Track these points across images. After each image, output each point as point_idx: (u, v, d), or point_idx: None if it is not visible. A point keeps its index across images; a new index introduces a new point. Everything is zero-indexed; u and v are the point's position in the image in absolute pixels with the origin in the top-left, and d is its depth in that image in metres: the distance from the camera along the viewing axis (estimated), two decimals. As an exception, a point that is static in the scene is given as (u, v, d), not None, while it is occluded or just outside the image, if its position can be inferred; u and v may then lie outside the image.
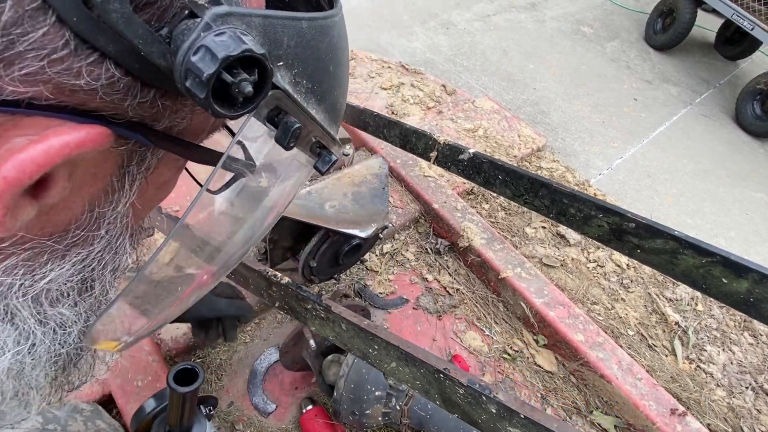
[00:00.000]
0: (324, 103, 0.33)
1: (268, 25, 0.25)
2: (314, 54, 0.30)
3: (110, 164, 0.27)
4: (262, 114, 0.28)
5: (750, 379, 1.47)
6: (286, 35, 0.27)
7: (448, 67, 3.22)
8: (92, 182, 0.26)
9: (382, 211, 1.10)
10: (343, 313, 0.78)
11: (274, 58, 0.26)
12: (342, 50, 0.35)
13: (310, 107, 0.31)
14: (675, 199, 2.71)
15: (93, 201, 0.27)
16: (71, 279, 0.29)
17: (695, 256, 0.84)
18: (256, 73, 0.24)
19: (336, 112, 0.36)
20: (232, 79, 0.22)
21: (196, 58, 0.21)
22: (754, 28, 3.31)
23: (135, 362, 1.13)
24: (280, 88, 0.27)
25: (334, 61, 0.33)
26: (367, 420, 1.05)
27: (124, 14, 0.20)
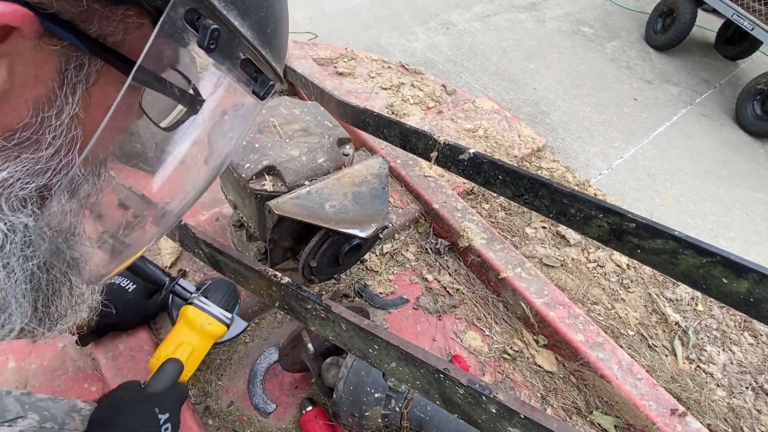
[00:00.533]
0: (249, 18, 0.35)
1: None
2: None
3: (49, 68, 0.29)
4: (180, 13, 0.30)
5: (750, 379, 1.47)
6: None
7: (448, 67, 3.22)
8: (34, 84, 0.29)
9: (382, 211, 1.10)
10: (343, 313, 0.78)
11: None
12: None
13: (231, 17, 0.33)
14: (675, 199, 2.71)
15: (37, 105, 0.30)
16: (27, 186, 0.31)
17: (695, 256, 0.84)
18: None
19: (266, 34, 0.37)
20: None
21: None
22: (754, 28, 3.31)
23: (135, 362, 1.13)
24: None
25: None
26: (366, 422, 1.05)
27: None
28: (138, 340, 1.17)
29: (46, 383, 1.12)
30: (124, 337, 1.16)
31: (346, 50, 2.37)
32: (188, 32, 0.31)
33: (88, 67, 0.31)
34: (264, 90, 0.39)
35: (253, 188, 1.03)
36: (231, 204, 1.23)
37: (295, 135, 1.12)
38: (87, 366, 1.16)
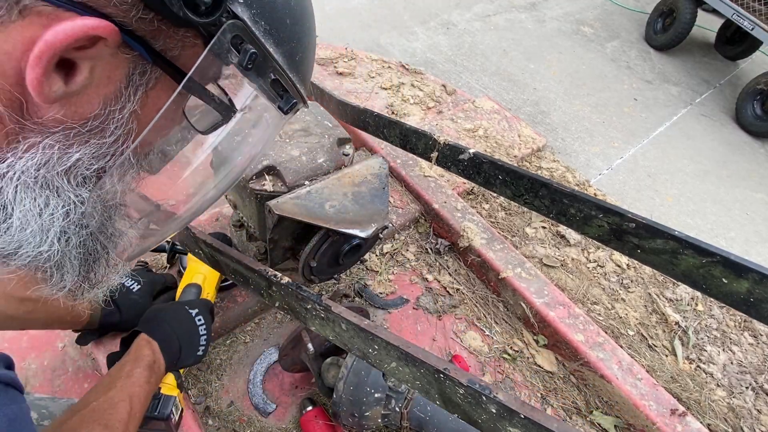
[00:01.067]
0: (282, 47, 0.43)
1: None
2: (271, 3, 0.41)
3: (120, 72, 0.37)
4: (227, 37, 0.38)
5: (750, 379, 1.47)
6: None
7: (448, 67, 3.22)
8: (106, 83, 0.37)
9: (382, 211, 1.10)
10: (343, 313, 0.78)
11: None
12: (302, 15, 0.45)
13: (267, 44, 0.41)
14: (675, 199, 2.71)
15: (106, 100, 0.37)
16: (91, 166, 0.39)
17: (695, 256, 0.84)
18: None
19: (294, 61, 0.45)
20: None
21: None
22: (755, 28, 3.31)
23: (135, 362, 1.13)
24: (239, 17, 0.38)
25: (291, 17, 0.43)
26: (366, 422, 1.05)
27: None
28: (138, 340, 1.16)
29: (46, 383, 1.12)
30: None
31: (346, 50, 2.37)
32: (232, 53, 0.39)
33: (150, 73, 0.38)
34: (288, 106, 0.47)
35: (253, 188, 1.03)
36: (231, 204, 1.23)
37: (295, 135, 1.12)
38: (87, 366, 1.16)
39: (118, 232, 0.46)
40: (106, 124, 0.38)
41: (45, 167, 0.36)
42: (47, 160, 0.36)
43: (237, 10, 0.37)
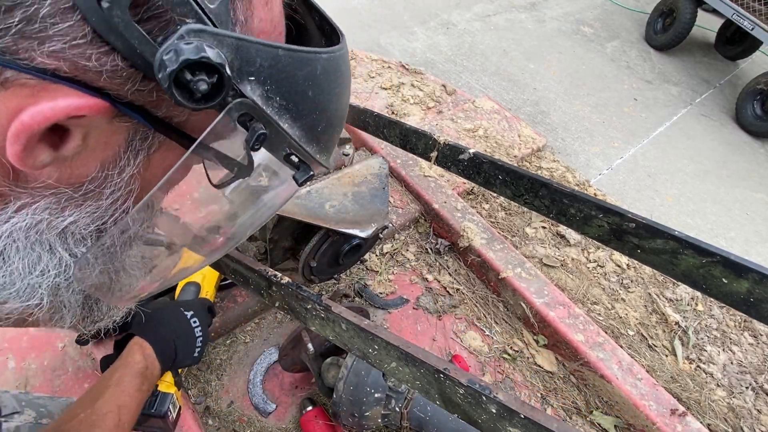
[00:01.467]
0: (300, 121, 0.39)
1: (240, 46, 0.32)
2: (290, 78, 0.37)
3: (119, 137, 0.35)
4: (233, 116, 0.35)
5: (750, 379, 1.47)
6: (259, 57, 0.33)
7: (448, 67, 3.22)
8: (104, 148, 0.34)
9: (382, 211, 1.10)
10: (343, 313, 0.78)
11: (245, 72, 0.33)
12: (330, 82, 0.41)
13: (282, 121, 0.38)
14: (675, 199, 2.71)
15: (104, 164, 0.35)
16: (88, 227, 0.37)
17: (695, 257, 0.84)
18: (215, 77, 0.30)
19: (315, 132, 0.42)
20: (191, 77, 0.29)
21: (167, 57, 0.28)
22: (755, 28, 3.31)
23: (135, 362, 1.13)
24: (247, 96, 0.34)
25: (315, 88, 0.39)
26: (366, 422, 1.05)
27: (124, 20, 0.28)
28: (138, 340, 1.16)
29: (46, 383, 1.12)
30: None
31: (346, 50, 2.37)
32: (238, 131, 0.36)
33: (152, 138, 0.36)
34: (303, 178, 0.44)
35: (253, 188, 1.03)
36: (231, 204, 1.23)
37: (295, 135, 1.12)
38: (87, 366, 1.16)
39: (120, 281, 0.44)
40: (103, 187, 0.36)
41: (36, 228, 0.35)
42: (38, 221, 0.35)
43: (246, 88, 0.34)
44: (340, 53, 0.43)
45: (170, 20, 0.30)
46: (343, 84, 0.45)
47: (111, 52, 0.30)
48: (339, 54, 0.42)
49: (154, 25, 0.30)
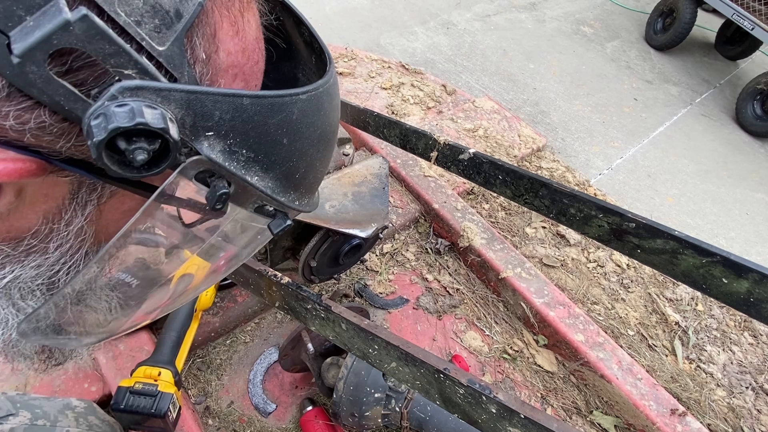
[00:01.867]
0: (273, 171, 0.35)
1: (193, 100, 0.27)
2: (258, 128, 0.32)
3: (61, 188, 0.30)
4: (189, 175, 0.30)
5: (750, 379, 1.47)
6: (218, 109, 0.29)
7: (448, 67, 3.22)
8: (45, 201, 0.30)
9: (382, 211, 1.10)
10: (343, 313, 0.78)
11: (201, 128, 0.29)
12: (309, 124, 0.36)
13: (250, 175, 0.33)
14: (675, 199, 2.70)
15: (47, 216, 0.31)
16: (35, 280, 0.33)
17: (695, 256, 0.84)
18: (158, 143, 0.26)
19: (292, 180, 0.37)
20: (126, 146, 0.25)
21: (95, 123, 0.24)
22: (755, 28, 3.31)
23: (135, 362, 1.13)
24: (203, 155, 0.29)
25: (291, 135, 0.35)
26: (366, 421, 1.05)
27: (42, 76, 0.23)
28: (138, 340, 1.17)
29: (46, 383, 1.12)
30: (124, 336, 1.16)
31: (346, 50, 2.37)
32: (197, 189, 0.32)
33: (102, 189, 0.32)
34: (279, 228, 0.40)
35: (253, 188, 1.03)
36: (231, 204, 1.23)
37: (295, 135, 1.12)
38: (87, 366, 1.16)
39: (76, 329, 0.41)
40: (48, 241, 0.32)
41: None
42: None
43: (202, 145, 0.29)
44: (324, 88, 0.37)
45: (104, 71, 0.25)
46: (328, 121, 0.40)
47: (36, 107, 0.25)
48: (322, 90, 0.37)
49: (88, 74, 0.25)
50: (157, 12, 0.27)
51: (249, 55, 0.35)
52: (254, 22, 0.35)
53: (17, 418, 0.71)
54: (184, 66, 0.28)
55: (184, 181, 0.31)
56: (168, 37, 0.27)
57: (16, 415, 0.71)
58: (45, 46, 0.22)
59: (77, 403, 0.81)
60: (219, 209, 0.33)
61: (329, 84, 0.38)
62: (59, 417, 0.75)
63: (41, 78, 0.23)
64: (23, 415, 0.72)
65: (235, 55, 0.33)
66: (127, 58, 0.25)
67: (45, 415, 0.74)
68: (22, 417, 0.71)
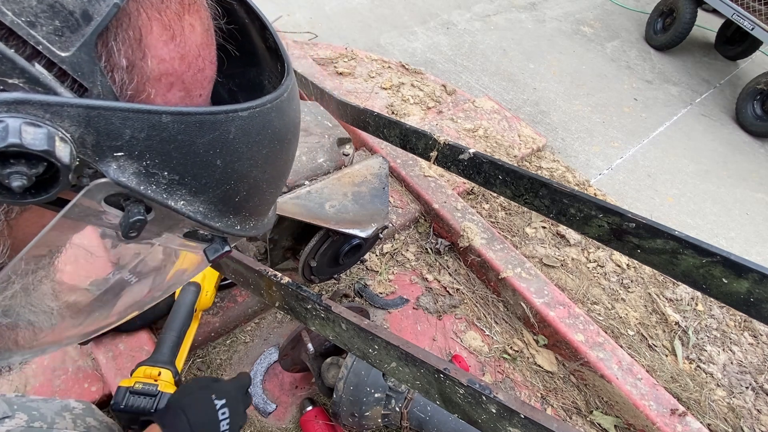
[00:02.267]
0: (204, 195, 0.31)
1: (94, 116, 0.24)
2: (183, 148, 0.28)
3: None
4: (96, 197, 0.27)
5: (750, 379, 1.47)
6: (128, 127, 0.26)
7: (448, 67, 3.22)
8: None
9: (382, 211, 1.10)
10: (343, 313, 0.78)
11: (108, 148, 0.25)
12: (252, 144, 0.33)
13: (174, 199, 0.30)
14: (675, 199, 2.71)
15: None
16: None
17: (695, 256, 0.84)
18: (42, 166, 0.23)
19: (230, 204, 0.34)
20: (0, 170, 0.22)
21: None
22: (755, 28, 3.31)
23: (135, 362, 1.13)
24: (109, 178, 0.26)
25: (227, 156, 0.31)
26: (366, 421, 1.05)
27: None
28: (138, 340, 1.17)
29: (46, 383, 1.12)
30: (124, 337, 1.16)
31: (346, 50, 2.37)
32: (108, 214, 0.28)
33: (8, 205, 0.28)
34: (216, 254, 0.36)
35: (253, 188, 1.03)
36: (231, 204, 1.23)
37: (295, 135, 1.12)
38: (87, 366, 1.16)
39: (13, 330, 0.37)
40: None
41: None
42: None
43: (109, 167, 0.26)
44: (274, 104, 0.34)
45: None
46: (280, 138, 0.36)
47: None
48: (271, 106, 0.33)
49: None
50: (57, 13, 0.23)
51: (190, 62, 0.31)
52: (199, 26, 0.32)
53: (13, 420, 0.70)
54: (96, 74, 0.25)
55: (92, 204, 0.27)
56: (73, 42, 0.24)
57: (12, 417, 0.71)
58: None
59: (75, 404, 0.81)
60: (132, 237, 0.29)
61: (282, 99, 0.35)
62: (56, 419, 0.75)
63: None
64: (19, 417, 0.71)
65: (170, 62, 0.30)
66: (10, 65, 0.22)
67: (42, 417, 0.74)
68: (19, 419, 0.71)
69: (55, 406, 0.78)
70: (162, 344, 1.02)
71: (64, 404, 0.79)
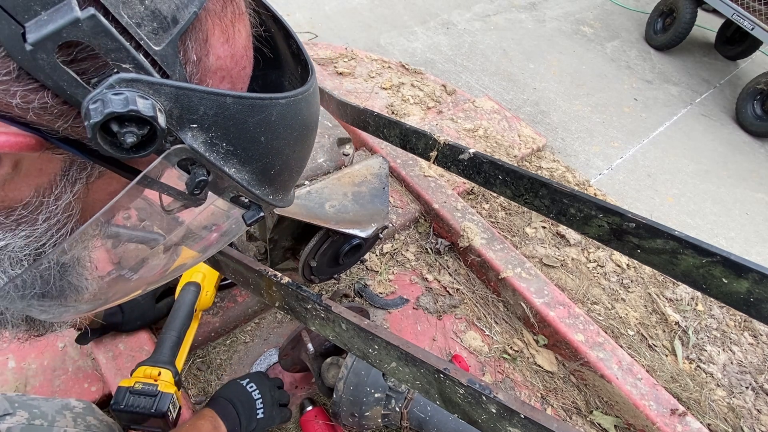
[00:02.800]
0: (250, 165, 0.38)
1: (181, 95, 0.31)
2: (238, 125, 0.35)
3: (55, 165, 0.33)
4: (172, 161, 0.34)
5: (750, 379, 1.47)
6: (202, 105, 0.32)
7: (448, 67, 3.22)
8: (38, 175, 0.33)
9: (382, 211, 1.10)
10: (343, 313, 0.78)
11: (186, 120, 0.32)
12: (287, 126, 0.40)
13: (228, 166, 0.36)
14: (675, 199, 2.70)
15: (39, 190, 0.34)
16: (24, 250, 0.36)
17: (695, 256, 0.84)
18: (147, 129, 0.29)
19: (267, 176, 0.41)
20: (119, 129, 0.28)
21: (93, 107, 0.27)
22: (755, 28, 3.31)
23: (135, 362, 1.13)
24: (186, 144, 0.33)
25: (269, 134, 0.38)
26: (366, 421, 1.05)
27: (50, 63, 0.26)
28: (138, 340, 1.17)
29: (46, 383, 1.12)
30: (124, 336, 1.16)
31: (346, 50, 2.37)
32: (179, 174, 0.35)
33: (91, 168, 0.35)
34: (252, 219, 0.43)
35: (253, 188, 1.03)
36: (231, 204, 1.23)
37: (295, 135, 1.12)
38: (87, 366, 1.16)
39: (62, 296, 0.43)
40: (37, 213, 0.34)
41: None
42: None
43: (186, 135, 0.32)
44: (303, 96, 0.40)
45: (104, 64, 0.29)
46: (306, 126, 0.43)
47: (41, 89, 0.28)
48: (301, 97, 0.40)
49: (90, 65, 0.29)
50: (156, 17, 0.30)
51: (237, 60, 0.38)
52: (244, 32, 0.39)
53: (14, 417, 0.71)
54: (176, 65, 0.32)
55: (167, 168, 0.34)
56: (164, 39, 0.31)
57: (14, 414, 0.71)
58: (56, 37, 0.25)
59: (76, 403, 0.81)
60: (197, 195, 0.36)
61: (308, 93, 0.41)
62: (57, 417, 0.75)
63: (49, 65, 0.26)
64: (20, 414, 0.71)
65: (224, 59, 0.36)
66: (126, 54, 0.28)
67: (43, 415, 0.74)
68: (20, 416, 0.71)
69: (56, 404, 0.78)
70: (162, 344, 1.02)
71: (65, 403, 0.80)
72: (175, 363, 1.01)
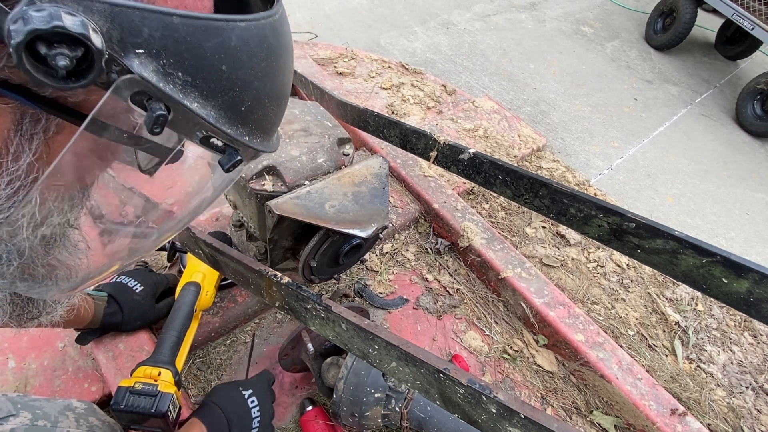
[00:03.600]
0: (214, 100, 0.35)
1: (118, 13, 0.27)
2: (193, 50, 0.32)
3: (5, 118, 0.30)
4: (124, 95, 0.30)
5: (750, 379, 1.47)
6: (146, 25, 0.29)
7: (448, 67, 3.22)
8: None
9: (382, 211, 1.10)
10: (343, 313, 0.78)
11: (129, 44, 0.29)
12: (251, 54, 0.36)
13: (189, 99, 0.33)
14: (675, 199, 2.70)
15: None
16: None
17: (695, 256, 0.84)
18: (80, 50, 0.26)
19: (237, 112, 0.37)
20: (47, 51, 0.25)
21: (14, 27, 0.24)
22: (755, 28, 3.31)
23: (135, 362, 1.13)
24: (135, 72, 0.29)
25: (231, 62, 0.35)
26: (366, 421, 1.05)
27: None
28: (138, 340, 1.17)
29: (46, 383, 1.12)
30: (124, 336, 1.16)
31: (346, 50, 2.37)
32: (134, 112, 0.32)
33: (46, 121, 0.32)
34: (229, 164, 0.39)
35: (253, 188, 1.03)
36: (231, 204, 1.23)
37: (295, 135, 1.12)
38: (87, 366, 1.16)
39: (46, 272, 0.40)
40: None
41: None
42: None
43: (132, 62, 0.29)
44: (267, 21, 0.37)
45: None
46: (275, 54, 0.39)
47: None
48: (265, 22, 0.37)
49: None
50: None
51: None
52: None
53: (18, 418, 0.71)
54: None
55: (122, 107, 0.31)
56: None
57: (17, 415, 0.71)
58: None
59: (78, 404, 0.81)
60: (157, 132, 0.32)
61: (274, 18, 0.38)
62: (60, 418, 0.76)
63: None
64: (24, 415, 0.72)
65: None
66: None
67: (45, 415, 0.74)
68: (23, 417, 0.71)
69: (58, 405, 0.78)
70: (162, 344, 1.02)
71: (67, 404, 0.80)
72: (175, 363, 1.01)
